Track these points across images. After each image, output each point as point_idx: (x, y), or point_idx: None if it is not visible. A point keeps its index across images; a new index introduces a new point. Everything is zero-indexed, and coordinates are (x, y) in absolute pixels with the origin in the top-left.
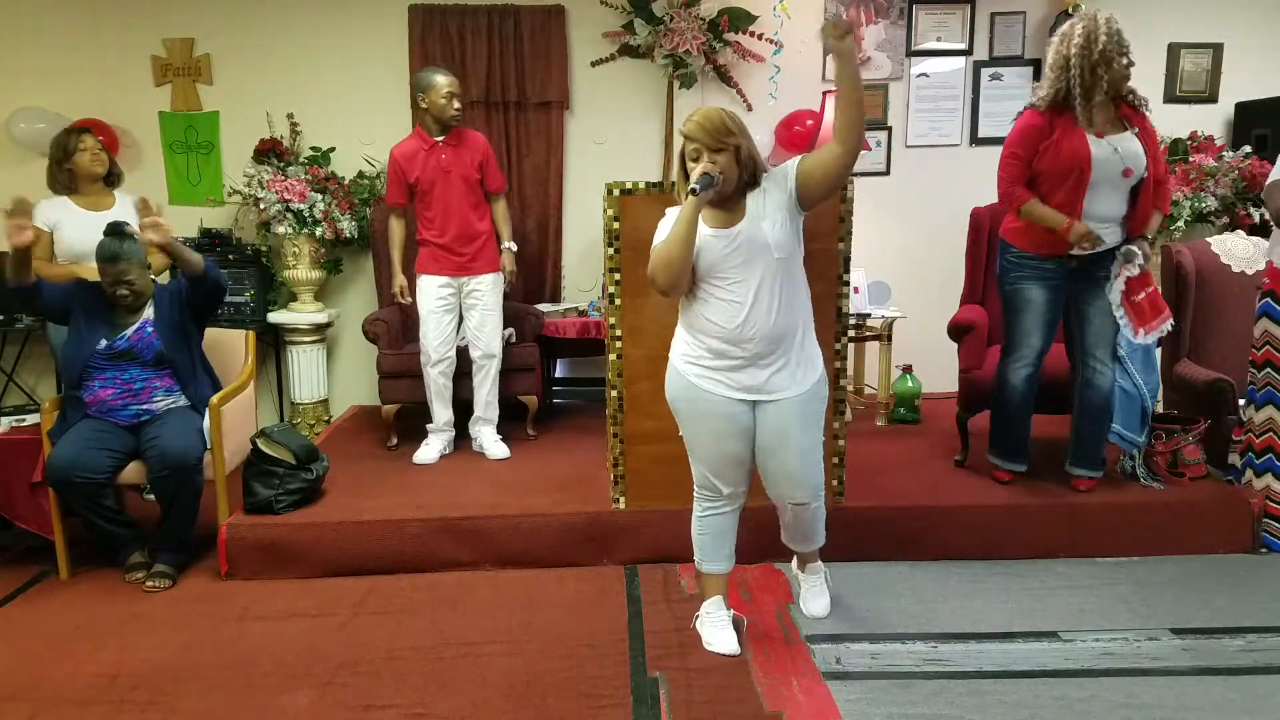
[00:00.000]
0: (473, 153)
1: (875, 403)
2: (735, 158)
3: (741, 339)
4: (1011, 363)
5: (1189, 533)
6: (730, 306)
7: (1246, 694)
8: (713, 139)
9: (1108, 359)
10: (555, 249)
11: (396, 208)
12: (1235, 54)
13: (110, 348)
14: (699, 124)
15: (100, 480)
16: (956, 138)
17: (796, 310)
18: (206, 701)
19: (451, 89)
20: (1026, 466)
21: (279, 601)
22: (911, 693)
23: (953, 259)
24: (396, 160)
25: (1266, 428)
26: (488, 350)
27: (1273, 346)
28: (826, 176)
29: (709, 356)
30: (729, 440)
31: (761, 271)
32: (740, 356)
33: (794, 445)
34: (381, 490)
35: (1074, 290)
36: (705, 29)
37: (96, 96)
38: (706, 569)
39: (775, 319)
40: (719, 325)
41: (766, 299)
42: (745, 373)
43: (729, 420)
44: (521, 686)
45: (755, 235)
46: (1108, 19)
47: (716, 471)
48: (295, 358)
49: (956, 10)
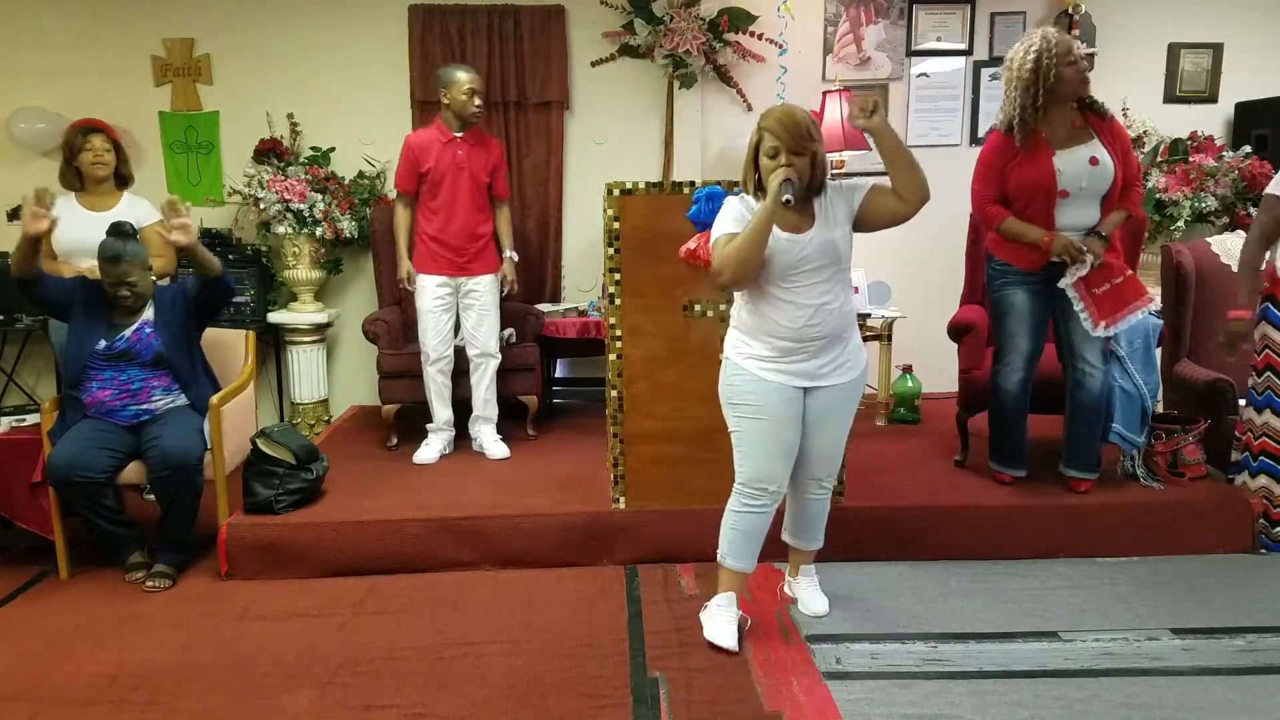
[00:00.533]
0: (488, 156)
1: (875, 403)
2: (811, 162)
3: (806, 338)
4: (1002, 368)
5: (1189, 533)
6: (798, 309)
7: (1246, 694)
8: (795, 141)
9: (1097, 360)
10: (555, 249)
11: (405, 195)
12: (1235, 54)
13: (109, 348)
14: (782, 122)
15: (100, 480)
16: (956, 138)
17: (849, 308)
18: (206, 701)
19: (473, 85)
20: (1025, 472)
21: (279, 601)
22: (911, 693)
23: (953, 259)
24: (411, 147)
25: (1264, 431)
26: (485, 349)
27: (1272, 350)
28: (887, 219)
29: (774, 354)
30: (786, 427)
31: (828, 276)
32: (806, 353)
33: (834, 426)
34: (381, 490)
35: (1059, 293)
36: (705, 29)
37: (96, 96)
38: (729, 564)
39: (835, 320)
40: (787, 327)
41: (830, 302)
42: (810, 363)
43: (787, 405)
44: (521, 686)
45: (828, 243)
46: (1045, 34)
47: (768, 464)
48: (295, 358)
49: (956, 10)
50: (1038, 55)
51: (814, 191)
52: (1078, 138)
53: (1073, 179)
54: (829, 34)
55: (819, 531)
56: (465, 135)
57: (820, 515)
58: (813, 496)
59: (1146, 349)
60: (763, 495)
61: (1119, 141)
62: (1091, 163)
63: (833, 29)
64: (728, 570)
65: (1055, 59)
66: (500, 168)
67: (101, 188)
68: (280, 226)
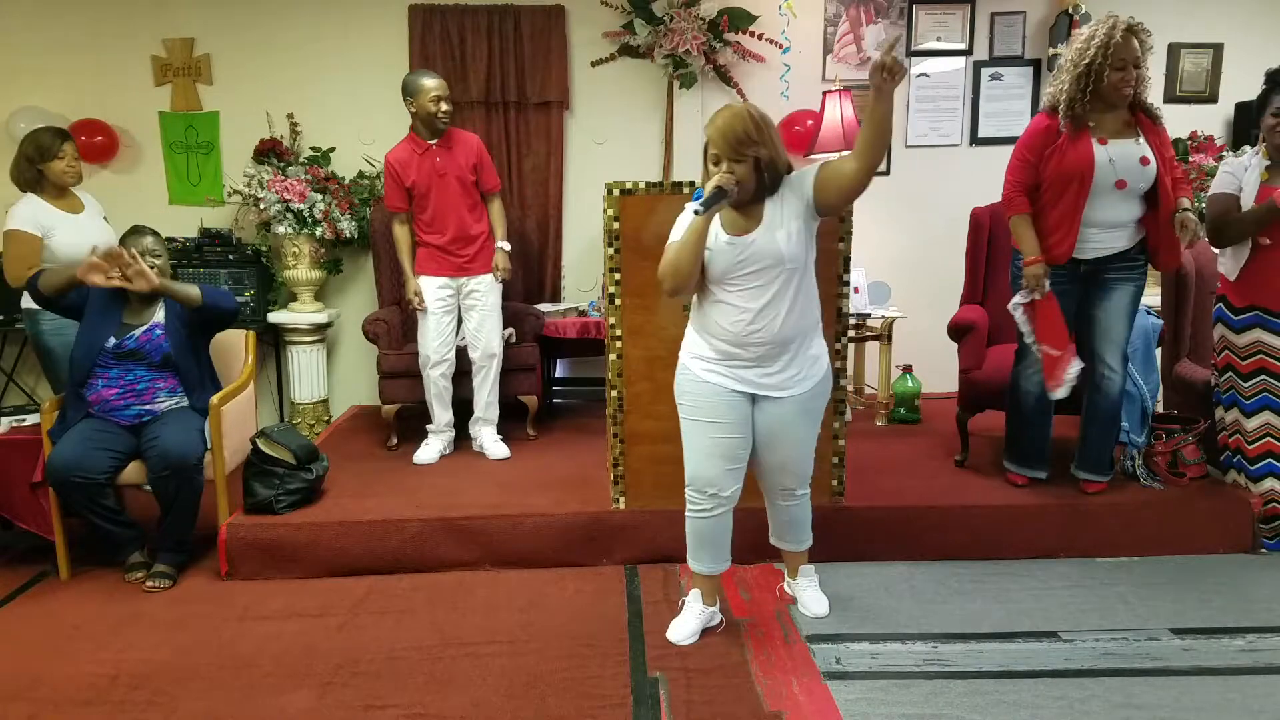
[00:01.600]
0: (466, 154)
1: (875, 403)
2: (755, 166)
3: (747, 343)
4: (1023, 368)
5: (1189, 533)
6: (738, 312)
7: (1246, 694)
8: (732, 149)
9: (1118, 365)
10: (555, 249)
11: (398, 213)
12: (1235, 54)
13: (118, 346)
14: (720, 130)
15: (100, 480)
16: (956, 138)
17: (806, 316)
18: (206, 701)
19: (439, 92)
20: (1047, 474)
21: (279, 601)
22: (911, 693)
23: (953, 259)
24: (391, 165)
25: (1235, 429)
26: (487, 350)
27: (1231, 352)
28: (841, 190)
29: (715, 356)
30: (725, 431)
31: (771, 280)
32: (746, 359)
33: (791, 440)
34: (381, 490)
35: (1083, 294)
36: (705, 29)
37: (96, 96)
38: (691, 565)
39: (782, 326)
40: (726, 329)
41: (775, 306)
42: (751, 371)
43: (729, 410)
44: (521, 686)
45: (768, 245)
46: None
47: (706, 466)
48: (295, 358)
49: (956, 10)
50: (1096, 50)
51: (765, 193)
52: (1126, 133)
53: (1126, 171)
54: (829, 34)
55: (803, 533)
56: (439, 142)
57: (800, 519)
58: (785, 504)
59: (1146, 349)
60: (703, 499)
61: (1165, 150)
62: (1142, 162)
63: (833, 29)
64: (691, 570)
65: (1108, 60)
66: (482, 160)
67: (66, 190)
68: (280, 226)
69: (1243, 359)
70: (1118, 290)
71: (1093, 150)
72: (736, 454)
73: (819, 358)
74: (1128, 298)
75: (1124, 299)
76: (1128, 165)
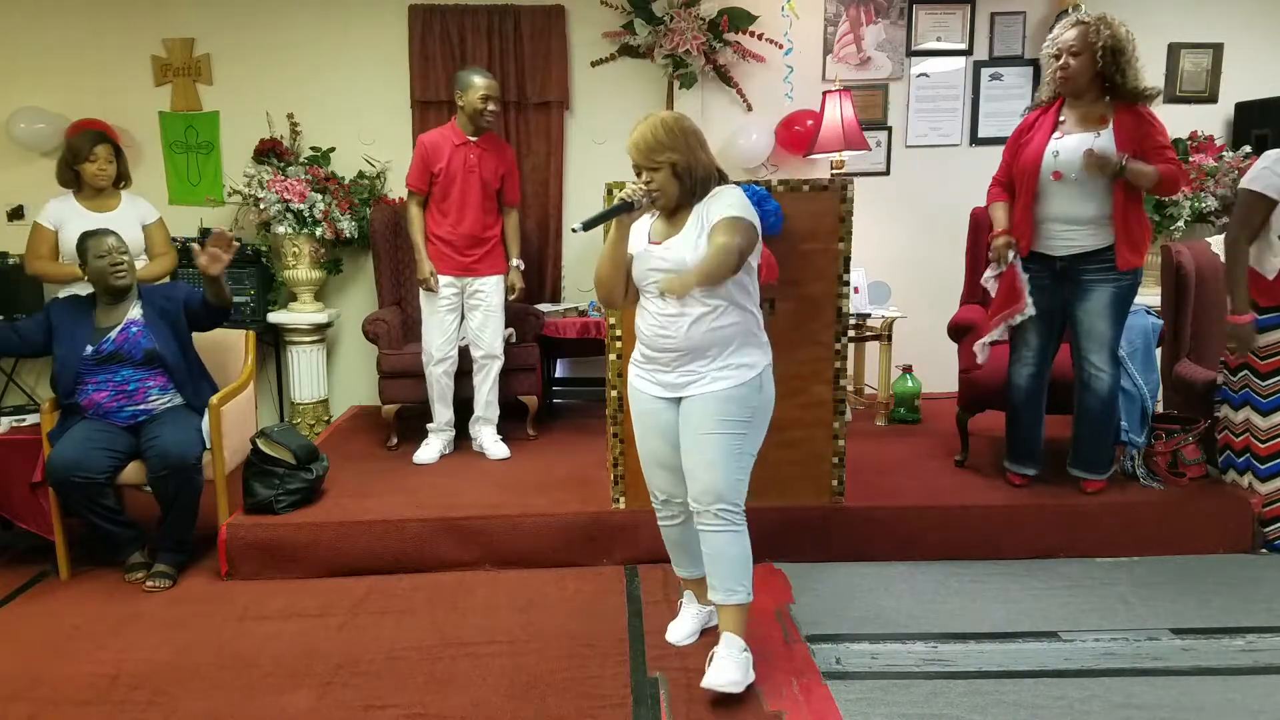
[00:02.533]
0: (500, 161)
1: (875, 403)
2: (672, 173)
3: (660, 348)
4: (1014, 363)
5: (1189, 533)
6: (652, 317)
7: (1246, 694)
8: (645, 157)
9: (1104, 363)
10: (555, 249)
11: (417, 193)
12: (1235, 54)
13: (97, 351)
14: (634, 141)
15: (100, 480)
16: (956, 138)
17: (729, 326)
18: (206, 701)
19: (488, 92)
20: (1037, 471)
21: (279, 601)
22: (911, 693)
23: (953, 259)
24: (424, 146)
25: (1245, 428)
26: (489, 350)
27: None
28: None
29: (641, 360)
30: (653, 437)
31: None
32: (662, 363)
33: (696, 443)
34: (381, 490)
35: (1064, 293)
36: (705, 29)
37: (96, 96)
38: (675, 570)
39: (690, 332)
40: (644, 333)
41: (690, 315)
42: (669, 375)
43: (655, 414)
44: (521, 686)
45: (677, 254)
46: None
47: (648, 471)
48: (295, 358)
49: (956, 10)
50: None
51: (691, 199)
52: (1090, 126)
53: (1067, 164)
54: (829, 34)
55: (724, 574)
56: (479, 140)
57: (718, 555)
58: (700, 526)
59: (1146, 349)
60: (659, 505)
61: (1148, 139)
62: (1061, 158)
63: (833, 29)
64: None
65: (1051, 50)
66: (512, 174)
67: (103, 191)
68: (280, 226)
69: (1262, 359)
70: (1096, 290)
71: (1044, 144)
72: (670, 460)
73: (743, 368)
74: (1106, 297)
75: (1102, 298)
76: (1071, 158)
